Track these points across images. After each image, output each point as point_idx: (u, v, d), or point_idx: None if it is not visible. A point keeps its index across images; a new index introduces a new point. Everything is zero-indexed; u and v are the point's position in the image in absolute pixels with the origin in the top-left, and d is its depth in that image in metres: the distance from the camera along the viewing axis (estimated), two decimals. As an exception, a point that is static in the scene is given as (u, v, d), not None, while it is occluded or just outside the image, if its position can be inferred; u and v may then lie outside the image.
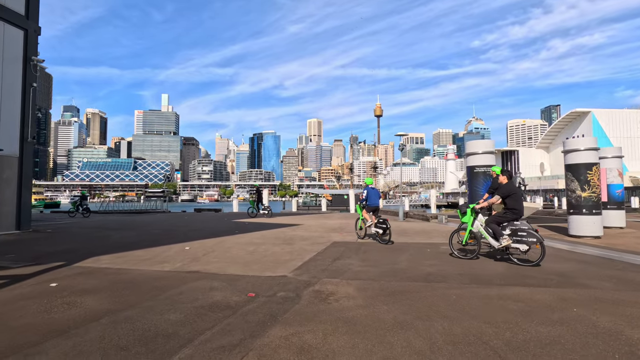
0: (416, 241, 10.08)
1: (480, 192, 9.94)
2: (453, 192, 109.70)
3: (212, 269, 6.58)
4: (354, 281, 5.64)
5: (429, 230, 12.78)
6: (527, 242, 6.59)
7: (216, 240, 10.43)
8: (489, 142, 10.27)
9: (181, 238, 10.91)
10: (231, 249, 8.80)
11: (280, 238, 10.74)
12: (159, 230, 13.09)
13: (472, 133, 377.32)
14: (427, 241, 10.06)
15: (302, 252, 8.40)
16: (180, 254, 8.22)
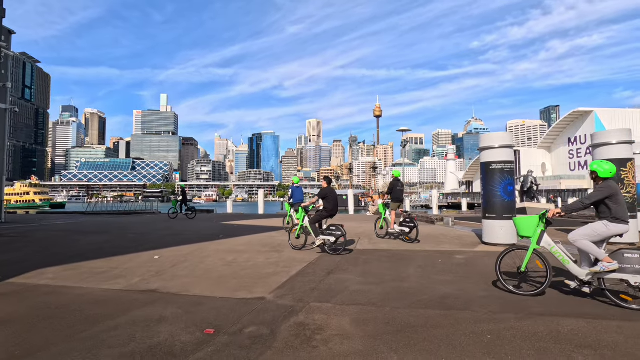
0: (423, 248, 8.78)
1: (498, 192, 8.64)
2: (453, 193, 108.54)
3: (174, 288, 5.28)
4: (351, 307, 4.33)
5: (436, 234, 11.48)
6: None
7: (194, 246, 9.12)
8: (506, 134, 8.95)
9: (156, 244, 9.60)
10: (207, 259, 7.49)
11: (268, 244, 9.43)
12: (135, 234, 11.77)
13: (471, 134, 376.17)
14: (436, 248, 8.76)
15: (290, 262, 7.10)
16: (145, 265, 6.91)
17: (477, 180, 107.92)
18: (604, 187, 4.48)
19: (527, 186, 21.00)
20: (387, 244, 9.42)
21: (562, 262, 4.61)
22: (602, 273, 4.29)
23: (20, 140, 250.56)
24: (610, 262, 4.24)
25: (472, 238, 10.39)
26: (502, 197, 8.65)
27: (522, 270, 4.86)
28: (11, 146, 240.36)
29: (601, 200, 4.47)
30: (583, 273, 4.46)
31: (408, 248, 8.83)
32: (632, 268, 4.11)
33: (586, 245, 4.45)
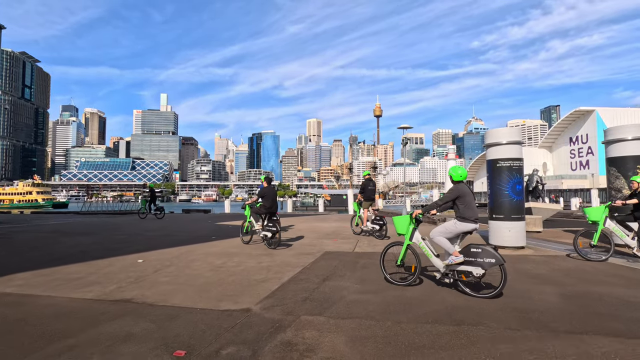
0: (426, 251, 8.25)
1: (506, 191, 8.11)
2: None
3: (152, 297, 4.75)
4: (347, 322, 3.81)
5: (438, 236, 10.96)
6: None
7: (183, 249, 8.60)
8: (514, 130, 8.42)
9: (144, 246, 9.08)
10: (194, 263, 6.96)
11: (262, 247, 8.90)
12: (124, 235, 11.25)
13: (472, 133, 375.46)
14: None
15: (283, 267, 6.57)
16: (126, 269, 6.39)
17: (477, 179, 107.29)
18: (453, 190, 5.04)
19: (532, 185, 20.41)
20: (388, 247, 8.90)
21: (427, 255, 5.18)
22: (452, 265, 4.84)
23: (19, 140, 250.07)
24: (457, 256, 4.78)
25: (477, 239, 9.85)
26: (510, 196, 8.12)
27: (399, 264, 5.38)
28: (10, 145, 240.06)
29: (452, 201, 5.00)
30: (441, 265, 4.97)
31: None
32: (476, 261, 4.62)
33: (440, 240, 5.03)
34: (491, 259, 4.51)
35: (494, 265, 4.51)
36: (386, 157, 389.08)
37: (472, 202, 4.98)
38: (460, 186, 5.03)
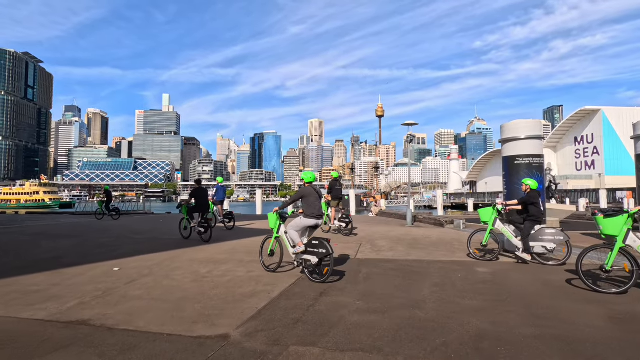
0: (436, 258, 7.44)
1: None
2: (457, 193, 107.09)
3: (114, 317, 3.97)
4: (348, 355, 3.01)
5: (448, 240, 10.13)
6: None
7: (168, 254, 7.82)
8: (534, 122, 7.60)
9: (126, 250, 8.31)
10: (176, 272, 6.18)
11: (254, 252, 8.11)
12: (110, 238, 10.48)
13: (474, 133, 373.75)
14: (452, 258, 7.41)
15: (274, 278, 5.78)
16: (96, 279, 5.62)
17: (481, 180, 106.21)
18: (299, 191, 5.95)
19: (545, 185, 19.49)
20: (393, 252, 8.09)
21: (287, 247, 5.90)
22: (299, 254, 5.68)
23: (22, 140, 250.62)
24: (300, 246, 5.64)
25: (492, 245, 9.03)
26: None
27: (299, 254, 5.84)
28: (13, 146, 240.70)
29: (298, 199, 5.99)
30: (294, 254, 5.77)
31: (418, 257, 7.48)
32: (314, 251, 5.46)
33: (292, 233, 5.80)
34: (323, 250, 5.38)
35: (325, 255, 5.37)
36: (388, 158, 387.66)
37: (315, 202, 5.87)
38: (306, 188, 6.00)
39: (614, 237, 5.07)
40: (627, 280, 4.86)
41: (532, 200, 6.75)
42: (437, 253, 7.96)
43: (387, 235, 11.24)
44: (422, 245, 9.06)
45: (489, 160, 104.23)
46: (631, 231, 5.04)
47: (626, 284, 4.83)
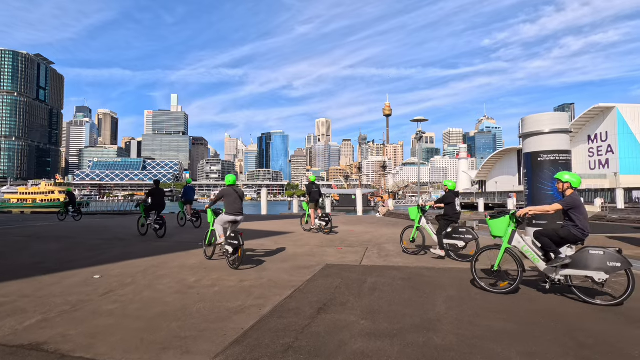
0: (450, 265, 6.73)
1: (550, 192, 6.55)
2: (466, 192, 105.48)
3: (74, 339, 3.38)
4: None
5: (460, 243, 9.39)
6: None
7: (157, 260, 7.25)
8: (560, 115, 6.82)
9: (114, 255, 7.77)
10: (161, 280, 5.59)
11: (249, 258, 7.51)
12: (102, 241, 9.98)
13: (483, 132, 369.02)
14: (467, 266, 6.69)
15: (269, 288, 5.15)
16: (69, 290, 5.06)
17: (490, 179, 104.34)
18: (219, 192, 6.96)
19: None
20: (401, 258, 7.40)
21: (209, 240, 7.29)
22: (221, 244, 6.77)
23: (34, 140, 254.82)
24: (221, 238, 6.77)
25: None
26: (554, 198, 6.55)
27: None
28: (26, 146, 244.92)
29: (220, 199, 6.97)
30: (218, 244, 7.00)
31: (429, 264, 6.78)
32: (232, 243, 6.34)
33: (217, 227, 6.86)
34: (236, 242, 6.27)
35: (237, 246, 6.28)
36: (396, 157, 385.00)
37: (233, 201, 6.79)
38: (225, 189, 6.95)
39: (501, 238, 5.10)
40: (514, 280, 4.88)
41: (447, 201, 7.09)
42: (451, 259, 7.25)
43: (396, 238, 10.54)
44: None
45: (499, 159, 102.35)
46: (516, 232, 5.03)
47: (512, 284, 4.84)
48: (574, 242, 4.67)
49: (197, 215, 13.38)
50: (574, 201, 4.63)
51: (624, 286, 4.36)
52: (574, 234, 4.58)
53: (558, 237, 4.67)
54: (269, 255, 7.81)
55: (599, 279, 4.31)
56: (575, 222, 4.61)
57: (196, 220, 13.36)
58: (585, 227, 4.58)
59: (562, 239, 4.65)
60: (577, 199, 4.68)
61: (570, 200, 4.66)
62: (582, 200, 4.75)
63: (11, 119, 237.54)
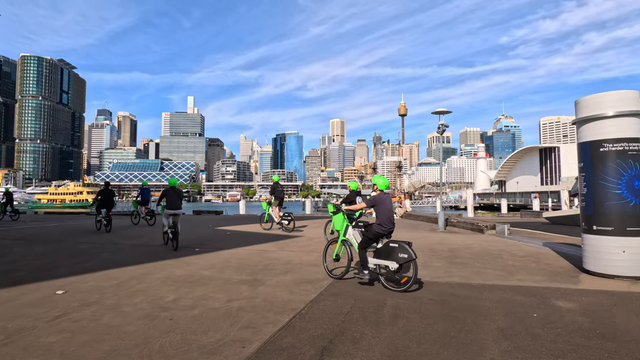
0: (490, 280, 5.47)
1: (617, 190, 5.21)
2: (485, 193, 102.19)
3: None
4: None
5: (494, 251, 8.08)
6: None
7: (142, 269, 6.27)
8: (628, 93, 5.46)
9: (95, 263, 6.85)
10: (133, 298, 4.58)
11: (249, 268, 6.45)
12: (90, 245, 9.14)
13: (501, 131, 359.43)
14: (511, 281, 5.42)
15: (262, 311, 4.05)
16: (21, 310, 4.10)
17: (511, 179, 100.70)
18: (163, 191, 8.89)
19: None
20: (428, 271, 6.18)
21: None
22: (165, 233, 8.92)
23: (58, 143, 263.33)
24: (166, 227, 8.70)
25: (556, 260, 6.94)
26: (624, 198, 5.22)
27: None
28: (50, 148, 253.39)
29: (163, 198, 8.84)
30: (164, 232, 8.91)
31: (464, 279, 5.54)
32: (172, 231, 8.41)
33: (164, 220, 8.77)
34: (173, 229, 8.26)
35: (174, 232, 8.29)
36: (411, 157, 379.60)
37: (173, 199, 8.56)
38: (168, 189, 8.69)
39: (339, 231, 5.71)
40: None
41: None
42: (489, 272, 5.97)
43: (417, 243, 9.29)
44: (465, 259, 7.08)
45: (520, 158, 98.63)
46: (349, 227, 5.65)
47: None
48: (378, 236, 5.12)
49: (151, 214, 14.25)
50: (375, 200, 5.20)
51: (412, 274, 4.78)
52: (374, 229, 5.12)
53: (369, 233, 5.18)
54: (270, 263, 6.73)
55: (392, 267, 4.80)
56: (377, 219, 5.16)
57: (150, 219, 14.12)
58: (383, 223, 5.08)
59: (373, 234, 5.13)
60: (378, 199, 5.20)
61: (372, 199, 5.26)
62: (389, 200, 5.23)
63: (36, 122, 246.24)
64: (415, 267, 4.76)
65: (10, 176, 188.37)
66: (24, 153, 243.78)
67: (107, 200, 12.09)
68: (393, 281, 4.94)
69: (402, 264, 4.72)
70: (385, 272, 4.88)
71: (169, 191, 8.60)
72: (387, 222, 5.05)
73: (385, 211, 5.08)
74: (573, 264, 6.46)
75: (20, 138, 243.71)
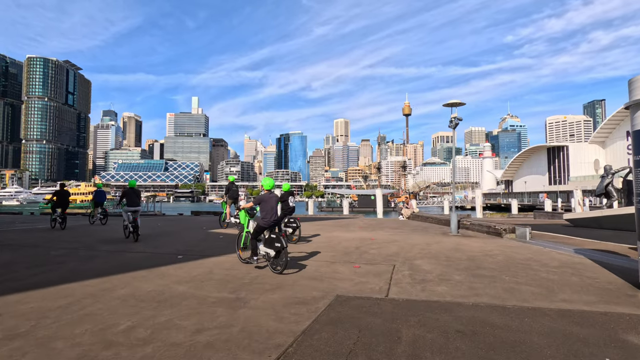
0: (528, 302, 4.40)
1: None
2: (491, 193, 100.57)
3: None
4: None
5: (522, 260, 7.00)
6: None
7: (103, 283, 5.28)
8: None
9: (54, 275, 5.87)
10: (72, 328, 3.57)
11: (233, 281, 5.43)
12: (64, 251, 8.18)
13: (507, 131, 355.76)
14: (556, 303, 4.35)
15: (235, 350, 3.03)
16: None
17: (518, 179, 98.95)
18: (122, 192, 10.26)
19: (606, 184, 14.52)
20: (447, 286, 5.11)
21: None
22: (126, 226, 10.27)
23: (63, 143, 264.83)
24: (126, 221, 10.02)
25: (600, 272, 5.83)
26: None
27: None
28: (55, 149, 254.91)
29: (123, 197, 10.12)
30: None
31: (495, 299, 4.47)
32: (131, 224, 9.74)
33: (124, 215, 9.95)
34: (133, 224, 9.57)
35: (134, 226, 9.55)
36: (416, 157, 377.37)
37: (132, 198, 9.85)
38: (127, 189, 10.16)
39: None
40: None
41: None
42: (524, 290, 4.89)
43: (429, 249, 8.24)
44: (489, 271, 6.00)
45: (527, 158, 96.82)
46: (250, 220, 6.83)
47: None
48: (262, 228, 6.01)
49: (105, 214, 15.10)
50: (261, 199, 6.06)
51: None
52: (259, 222, 6.02)
53: (257, 226, 6.11)
54: (259, 275, 5.72)
55: (271, 254, 5.79)
56: (261, 214, 6.01)
57: (103, 218, 15.02)
58: (266, 217, 5.96)
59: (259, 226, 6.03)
60: (262, 198, 6.08)
61: (257, 198, 6.11)
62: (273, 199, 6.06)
63: (42, 123, 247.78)
64: (286, 255, 5.73)
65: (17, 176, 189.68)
66: (30, 154, 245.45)
67: (62, 200, 12.78)
68: (276, 265, 5.83)
69: (278, 251, 5.75)
70: (267, 258, 5.95)
71: (129, 191, 9.97)
72: (269, 217, 5.98)
73: (269, 208, 6.01)
74: (624, 279, 5.36)
75: (27, 139, 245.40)
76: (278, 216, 6.02)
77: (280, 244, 5.62)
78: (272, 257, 5.79)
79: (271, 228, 6.01)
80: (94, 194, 15.76)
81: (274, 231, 5.97)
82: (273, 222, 5.95)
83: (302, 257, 7.36)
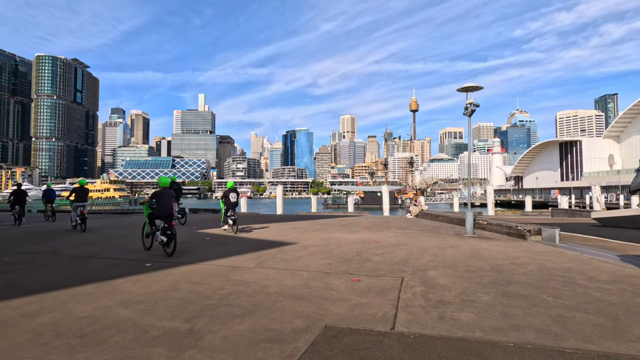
0: (595, 344, 3.15)
1: None
2: (500, 189, 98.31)
3: None
4: None
5: (559, 272, 5.73)
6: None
7: (32, 302, 4.15)
8: None
9: (18, 283, 4.80)
10: None
11: (196, 302, 4.26)
12: (22, 256, 7.12)
13: (516, 126, 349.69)
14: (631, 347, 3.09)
15: None
16: None
17: (528, 175, 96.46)
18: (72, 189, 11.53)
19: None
20: (472, 314, 3.86)
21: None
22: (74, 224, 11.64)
23: (72, 141, 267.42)
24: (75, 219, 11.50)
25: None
26: None
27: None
28: (65, 146, 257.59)
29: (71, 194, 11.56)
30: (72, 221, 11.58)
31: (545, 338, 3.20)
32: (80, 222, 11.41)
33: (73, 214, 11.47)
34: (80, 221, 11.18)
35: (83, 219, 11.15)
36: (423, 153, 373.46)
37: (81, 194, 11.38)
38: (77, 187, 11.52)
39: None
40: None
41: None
42: (579, 320, 3.61)
43: (444, 255, 6.97)
44: (523, 288, 4.72)
45: (538, 153, 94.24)
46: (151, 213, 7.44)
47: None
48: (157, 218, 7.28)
49: (53, 212, 15.69)
50: (155, 195, 7.25)
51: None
52: (155, 214, 7.24)
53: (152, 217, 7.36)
54: (232, 292, 4.54)
55: (164, 240, 7.02)
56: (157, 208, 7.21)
57: (51, 215, 15.58)
58: (160, 210, 7.15)
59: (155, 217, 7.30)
60: (157, 193, 7.27)
61: (153, 194, 7.28)
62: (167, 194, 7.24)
63: (51, 120, 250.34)
64: (175, 242, 6.96)
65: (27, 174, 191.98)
66: (40, 151, 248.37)
67: (20, 199, 13.91)
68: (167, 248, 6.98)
69: (169, 238, 6.93)
70: (161, 243, 6.99)
71: (78, 189, 11.39)
72: (163, 210, 7.07)
73: (163, 202, 7.11)
74: None
75: (36, 136, 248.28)
76: (172, 209, 7.08)
77: (171, 232, 6.89)
78: (164, 243, 6.98)
79: (166, 218, 7.01)
80: (44, 192, 15.68)
81: (167, 221, 6.98)
82: (167, 214, 7.01)
83: (291, 266, 6.17)
